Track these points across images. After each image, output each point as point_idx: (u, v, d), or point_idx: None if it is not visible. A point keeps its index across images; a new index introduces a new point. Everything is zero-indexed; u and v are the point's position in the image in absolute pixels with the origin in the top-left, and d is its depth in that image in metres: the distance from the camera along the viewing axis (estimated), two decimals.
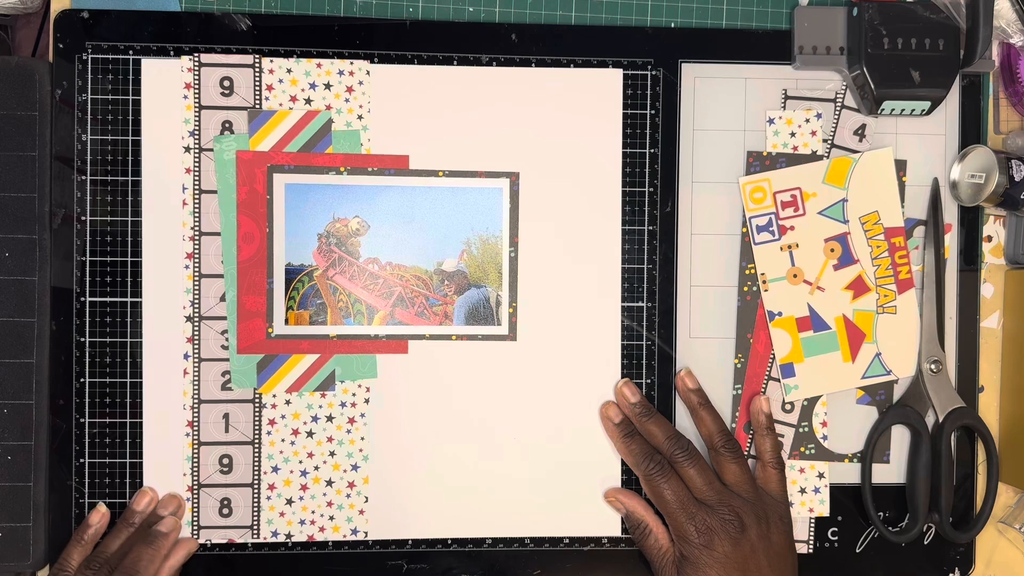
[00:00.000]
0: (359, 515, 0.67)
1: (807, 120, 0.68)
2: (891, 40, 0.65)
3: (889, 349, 0.69)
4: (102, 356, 0.66)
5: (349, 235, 0.67)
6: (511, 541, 0.68)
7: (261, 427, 0.67)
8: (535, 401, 0.68)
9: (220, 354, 0.66)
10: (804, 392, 0.68)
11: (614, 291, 0.68)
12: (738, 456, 0.64)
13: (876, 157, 0.68)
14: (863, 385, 0.69)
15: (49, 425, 0.66)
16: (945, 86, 0.66)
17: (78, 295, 0.66)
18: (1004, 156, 0.67)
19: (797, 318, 0.68)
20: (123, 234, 0.66)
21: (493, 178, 0.68)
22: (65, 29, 0.66)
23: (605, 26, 0.68)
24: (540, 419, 0.68)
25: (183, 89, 0.66)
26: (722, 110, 0.69)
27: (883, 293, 0.69)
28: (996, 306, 0.71)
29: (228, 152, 0.66)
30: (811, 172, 0.68)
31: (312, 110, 0.66)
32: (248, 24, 0.67)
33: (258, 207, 0.66)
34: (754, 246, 0.68)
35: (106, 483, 0.66)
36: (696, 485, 0.63)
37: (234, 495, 0.67)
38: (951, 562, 0.70)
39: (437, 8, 0.68)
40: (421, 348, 0.67)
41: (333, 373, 0.67)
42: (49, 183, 0.66)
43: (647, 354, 0.69)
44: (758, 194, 0.68)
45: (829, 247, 0.68)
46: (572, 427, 0.68)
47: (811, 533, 0.69)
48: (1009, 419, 0.70)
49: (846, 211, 0.68)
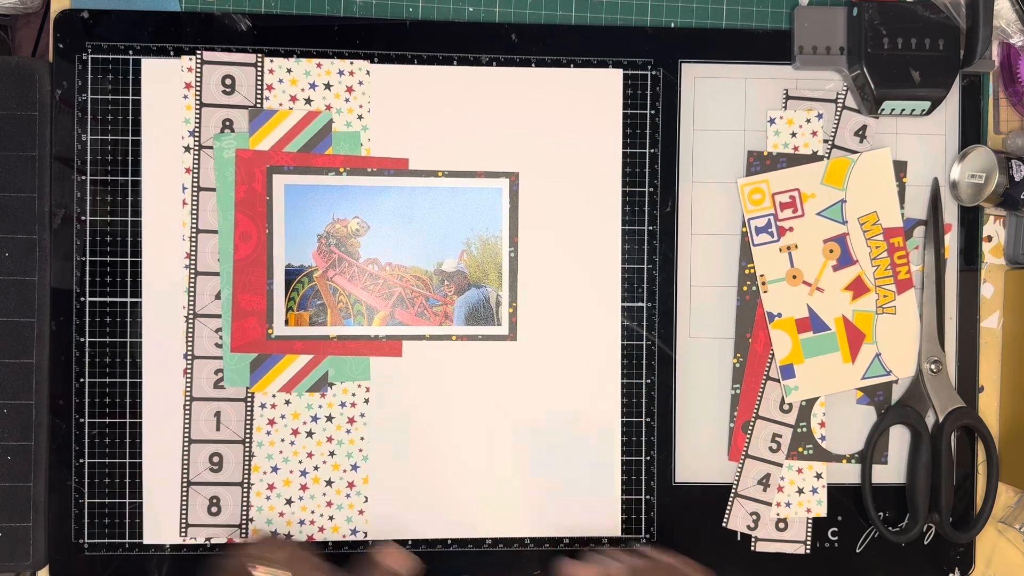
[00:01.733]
0: (359, 515, 0.67)
1: (808, 120, 0.68)
2: (891, 40, 0.65)
3: (889, 349, 0.69)
4: (102, 356, 0.66)
5: (349, 236, 0.67)
6: (511, 541, 0.68)
7: (252, 426, 0.67)
8: (535, 401, 0.68)
9: (213, 352, 0.66)
10: (804, 393, 0.68)
11: (614, 291, 0.68)
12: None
13: (874, 157, 0.68)
14: (863, 386, 0.69)
15: (49, 425, 0.66)
16: (945, 86, 0.66)
17: (78, 295, 0.66)
18: (1004, 156, 0.67)
19: (797, 319, 0.68)
20: (123, 234, 0.66)
21: (493, 178, 0.67)
22: (65, 29, 0.66)
23: (605, 26, 0.68)
24: (540, 419, 0.68)
25: (183, 89, 0.66)
26: (722, 110, 0.69)
27: (882, 293, 0.68)
28: (996, 306, 0.71)
29: (228, 151, 0.66)
30: (809, 173, 0.68)
31: (313, 111, 0.66)
32: (248, 24, 0.66)
33: (257, 206, 0.66)
34: (753, 247, 0.68)
35: (106, 483, 0.66)
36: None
37: (223, 494, 0.67)
38: (951, 562, 0.70)
39: (437, 8, 0.68)
40: (421, 348, 0.67)
41: (326, 374, 0.67)
42: (49, 183, 0.66)
43: (647, 354, 0.68)
44: (756, 195, 0.68)
45: (828, 248, 0.68)
46: (572, 427, 0.68)
47: (808, 533, 0.69)
48: (1009, 419, 0.70)
49: (845, 212, 0.68)
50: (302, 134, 0.66)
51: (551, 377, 0.68)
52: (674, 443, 0.69)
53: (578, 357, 0.68)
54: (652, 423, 0.69)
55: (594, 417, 0.68)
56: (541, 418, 0.68)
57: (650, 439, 0.69)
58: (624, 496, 0.69)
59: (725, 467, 0.69)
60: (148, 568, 0.67)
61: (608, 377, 0.68)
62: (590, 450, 0.68)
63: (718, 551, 0.69)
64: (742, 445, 0.68)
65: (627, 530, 0.68)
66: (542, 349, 0.68)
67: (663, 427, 0.69)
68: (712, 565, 0.69)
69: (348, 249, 0.67)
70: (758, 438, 0.69)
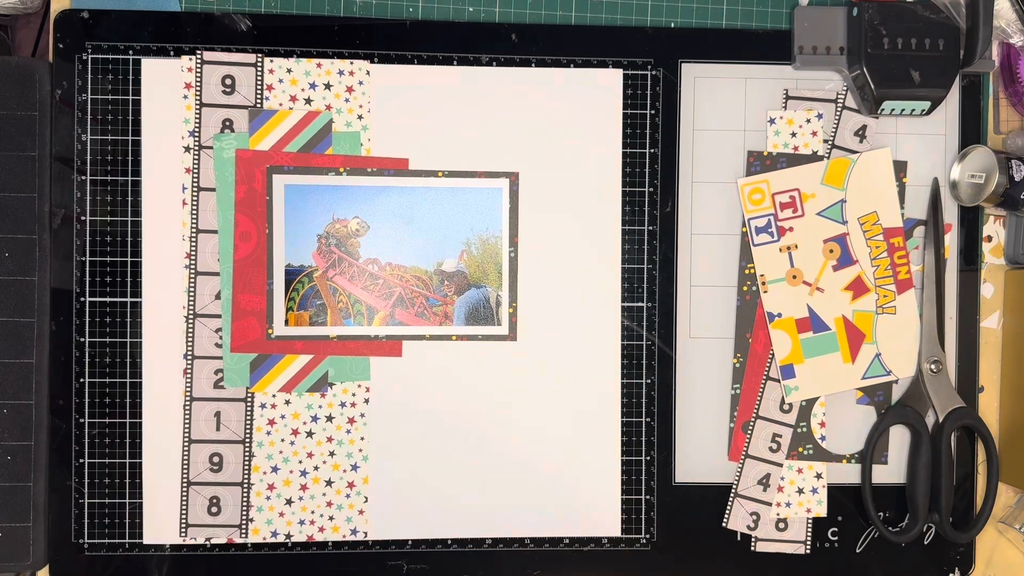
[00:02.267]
0: (359, 515, 0.67)
1: (808, 121, 0.68)
2: (891, 40, 0.65)
3: (889, 350, 0.69)
4: (102, 356, 0.66)
5: (349, 236, 0.67)
6: (511, 541, 0.68)
7: (252, 426, 0.67)
8: (535, 401, 0.68)
9: (213, 352, 0.66)
10: (804, 393, 0.68)
11: (614, 291, 0.68)
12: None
13: (874, 157, 0.68)
14: (863, 386, 0.69)
15: (49, 425, 0.66)
16: (945, 86, 0.66)
17: (78, 295, 0.66)
18: (1004, 156, 0.67)
19: (797, 319, 0.68)
20: (123, 234, 0.66)
21: (493, 178, 0.68)
22: (65, 29, 0.66)
23: (605, 26, 0.68)
24: (540, 419, 0.68)
25: (183, 89, 0.66)
26: (722, 110, 0.69)
27: (882, 294, 0.68)
28: (996, 306, 0.71)
29: (228, 151, 0.66)
30: (809, 173, 0.68)
31: (313, 111, 0.66)
32: (248, 24, 0.67)
33: (257, 206, 0.66)
34: (753, 247, 0.68)
35: (105, 483, 0.66)
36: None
37: (223, 494, 0.67)
38: (951, 562, 0.70)
39: (437, 8, 0.68)
40: (421, 348, 0.67)
41: (326, 374, 0.67)
42: (49, 183, 0.66)
43: (647, 354, 0.68)
44: (756, 195, 0.68)
45: (828, 248, 0.68)
46: (572, 427, 0.68)
47: (808, 534, 0.69)
48: (1009, 419, 0.70)
49: (845, 212, 0.68)
50: (302, 134, 0.66)
51: (551, 377, 0.68)
52: (674, 443, 0.69)
53: (578, 357, 0.68)
54: (652, 423, 0.69)
55: (594, 417, 0.68)
56: (541, 418, 0.68)
57: (650, 439, 0.69)
58: (624, 496, 0.69)
59: (725, 467, 0.69)
60: (148, 568, 0.67)
61: (608, 377, 0.68)
62: (590, 450, 0.68)
63: (717, 551, 0.69)
64: (742, 445, 0.68)
65: (627, 530, 0.68)
66: (542, 349, 0.68)
67: (663, 427, 0.69)
68: (712, 565, 0.69)
69: (348, 249, 0.67)
70: (758, 438, 0.69)
